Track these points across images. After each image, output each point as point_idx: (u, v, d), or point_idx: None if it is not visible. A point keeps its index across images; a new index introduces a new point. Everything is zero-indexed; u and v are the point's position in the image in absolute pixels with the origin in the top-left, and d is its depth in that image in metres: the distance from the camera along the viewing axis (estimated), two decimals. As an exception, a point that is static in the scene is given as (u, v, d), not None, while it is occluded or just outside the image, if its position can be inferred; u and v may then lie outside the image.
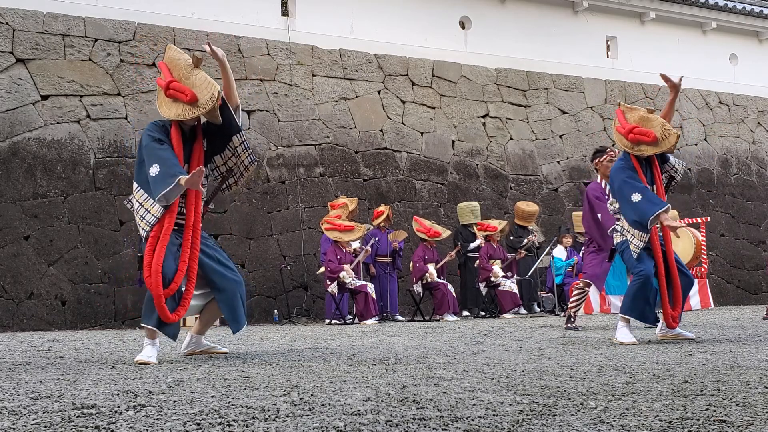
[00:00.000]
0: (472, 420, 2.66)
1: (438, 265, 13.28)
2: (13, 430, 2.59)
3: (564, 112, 17.25)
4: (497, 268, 13.51)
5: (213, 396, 3.31)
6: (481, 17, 16.67)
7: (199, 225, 5.44)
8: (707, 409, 2.82)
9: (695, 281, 13.99)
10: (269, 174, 13.82)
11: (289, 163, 14.04)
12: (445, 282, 13.16)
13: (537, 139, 16.80)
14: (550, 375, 3.95)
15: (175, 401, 3.18)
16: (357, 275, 12.22)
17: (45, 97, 12.41)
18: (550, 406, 2.91)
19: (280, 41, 14.55)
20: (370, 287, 12.15)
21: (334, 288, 11.88)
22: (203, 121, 5.57)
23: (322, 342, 7.07)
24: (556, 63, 17.32)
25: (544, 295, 14.57)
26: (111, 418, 2.80)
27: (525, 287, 14.38)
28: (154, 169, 5.11)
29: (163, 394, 3.42)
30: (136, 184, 5.34)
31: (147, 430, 2.56)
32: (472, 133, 16.07)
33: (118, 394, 3.42)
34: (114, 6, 13.14)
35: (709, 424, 2.53)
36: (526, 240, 14.41)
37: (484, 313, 13.71)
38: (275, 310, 13.01)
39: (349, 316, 12.11)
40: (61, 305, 11.77)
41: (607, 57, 18.23)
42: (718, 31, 19.20)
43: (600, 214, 8.13)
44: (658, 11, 18.28)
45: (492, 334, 7.85)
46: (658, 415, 2.69)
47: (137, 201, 5.31)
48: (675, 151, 6.59)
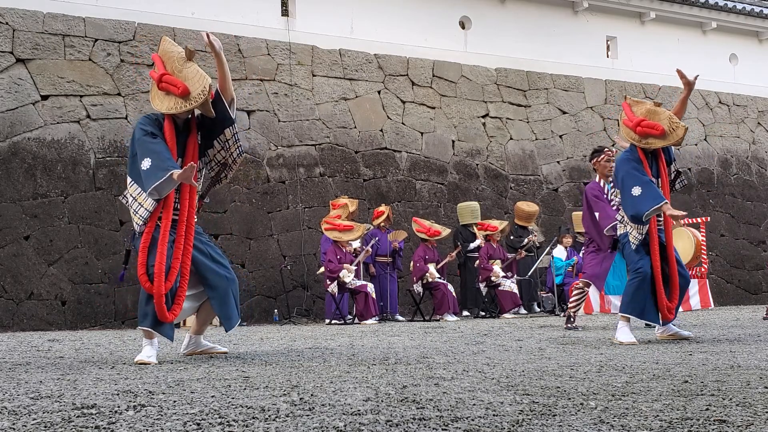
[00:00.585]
0: (472, 420, 2.66)
1: (438, 266, 13.28)
2: (13, 430, 2.59)
3: (564, 112, 17.25)
4: (497, 268, 13.51)
5: (213, 396, 3.31)
6: (481, 17, 16.67)
7: (193, 220, 5.40)
8: (707, 409, 2.82)
9: (694, 281, 14.05)
10: (269, 174, 13.82)
11: (289, 163, 14.04)
12: (445, 282, 13.16)
13: (537, 139, 16.80)
14: (550, 375, 3.95)
15: (175, 401, 3.18)
16: (357, 275, 12.22)
17: (45, 97, 12.41)
18: (550, 406, 2.91)
19: (280, 41, 14.55)
20: (370, 287, 12.15)
21: (334, 288, 11.88)
22: (197, 114, 5.51)
23: (322, 342, 7.07)
24: (556, 63, 17.32)
25: (544, 295, 14.57)
26: (111, 418, 2.80)
27: (525, 287, 14.38)
28: (146, 163, 5.06)
29: (163, 394, 3.42)
30: (129, 179, 5.28)
31: (147, 430, 2.56)
32: (472, 133, 16.06)
33: (118, 394, 3.42)
34: (114, 6, 13.14)
35: (709, 424, 2.53)
36: (526, 240, 14.41)
37: (484, 313, 13.71)
38: (275, 310, 13.01)
39: (349, 316, 12.12)
40: (61, 305, 11.77)
41: (607, 57, 18.23)
42: (718, 31, 19.20)
43: (598, 213, 8.14)
44: (658, 11, 18.28)
45: (492, 334, 7.85)
46: (658, 415, 2.69)
47: (131, 195, 5.26)
48: (675, 151, 6.63)
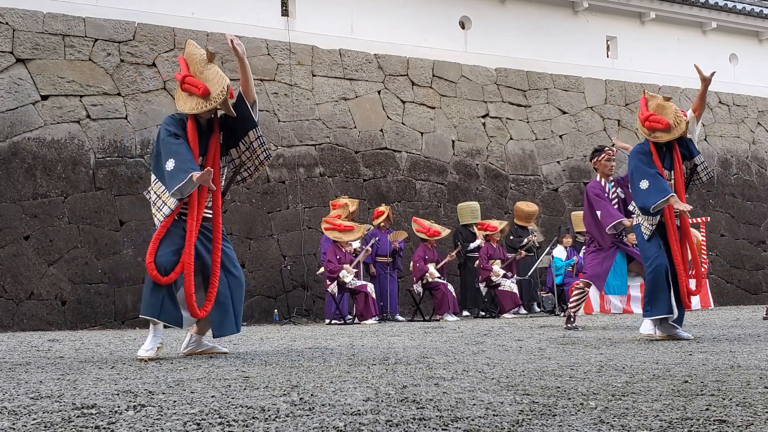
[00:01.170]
0: (472, 420, 2.66)
1: (438, 265, 13.28)
2: (13, 430, 2.59)
3: (564, 112, 17.25)
4: (497, 267, 13.52)
5: (213, 396, 3.31)
6: (481, 17, 16.67)
7: (219, 220, 5.72)
8: (707, 409, 2.82)
9: (693, 281, 14.04)
10: (269, 174, 13.83)
11: (289, 163, 14.04)
12: (445, 282, 13.16)
13: (537, 139, 16.80)
14: (550, 375, 3.95)
15: (175, 401, 3.18)
16: (357, 275, 12.22)
17: (45, 97, 12.41)
18: (550, 406, 2.91)
19: (280, 41, 14.55)
20: (370, 287, 12.15)
21: (334, 288, 11.88)
22: (220, 114, 5.67)
23: (322, 342, 7.07)
24: (556, 63, 17.32)
25: (544, 295, 14.58)
26: (111, 418, 2.80)
27: (525, 287, 14.38)
28: (170, 164, 5.22)
29: (163, 394, 3.42)
30: (154, 176, 5.46)
31: (147, 430, 2.56)
32: (472, 133, 16.07)
33: (118, 394, 3.42)
34: (114, 6, 13.14)
35: (709, 424, 2.53)
36: (526, 240, 14.41)
37: (484, 313, 13.71)
38: (275, 310, 13.01)
39: (349, 316, 12.12)
40: (61, 305, 11.77)
41: (607, 57, 18.23)
42: (718, 31, 19.20)
43: (599, 212, 8.17)
44: (658, 11, 18.28)
45: (492, 334, 7.85)
46: (658, 415, 2.69)
47: (155, 193, 5.42)
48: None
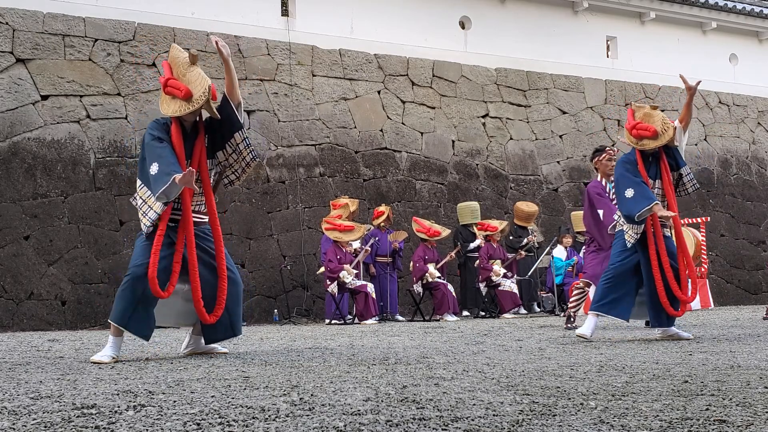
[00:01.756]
0: (472, 420, 2.66)
1: (438, 265, 13.28)
2: (13, 430, 2.59)
3: (564, 112, 17.25)
4: (497, 267, 13.52)
5: (213, 396, 3.31)
6: (481, 17, 16.67)
7: (216, 222, 5.60)
8: (707, 409, 2.82)
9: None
10: (269, 174, 13.83)
11: (289, 163, 14.04)
12: (445, 282, 13.16)
13: (537, 139, 16.80)
14: (550, 375, 3.95)
15: (175, 401, 3.18)
16: (357, 275, 12.22)
17: (45, 97, 12.41)
18: (550, 406, 2.91)
19: (280, 41, 14.55)
20: (370, 287, 12.15)
21: (334, 288, 11.88)
22: (204, 117, 5.65)
23: (322, 342, 7.07)
24: (556, 63, 17.32)
25: (544, 295, 14.58)
26: (111, 418, 2.80)
27: (525, 287, 14.38)
28: (154, 168, 5.22)
29: (163, 394, 3.42)
30: (139, 182, 5.45)
31: (147, 430, 2.56)
32: (472, 133, 16.07)
33: (118, 394, 3.42)
34: (114, 6, 13.14)
35: (709, 424, 2.53)
36: (526, 240, 14.41)
37: (484, 313, 13.71)
38: (275, 310, 13.01)
39: (349, 316, 12.12)
40: (61, 305, 11.77)
41: (607, 57, 18.22)
42: (718, 31, 19.20)
43: (601, 211, 8.20)
44: (658, 11, 18.28)
45: (492, 334, 7.85)
46: (658, 415, 2.69)
47: (141, 198, 5.41)
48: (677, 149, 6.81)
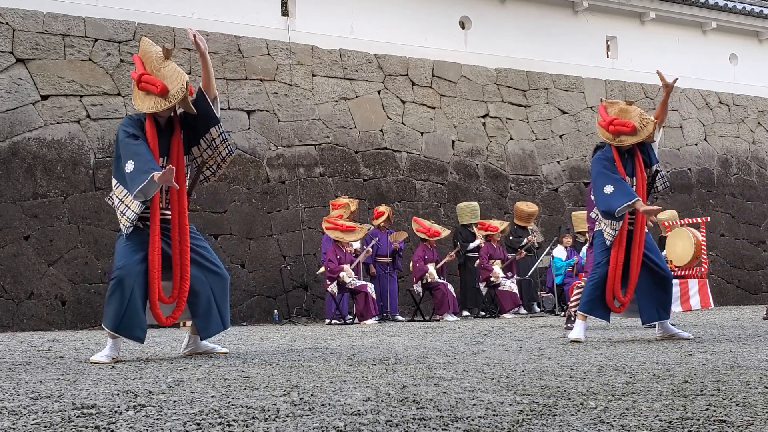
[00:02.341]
0: (472, 420, 2.66)
1: (438, 265, 13.28)
2: (13, 430, 2.59)
3: (564, 112, 17.25)
4: (497, 268, 13.52)
5: (213, 396, 3.31)
6: (481, 17, 16.67)
7: (185, 220, 5.43)
8: (707, 409, 2.82)
9: (694, 281, 14.05)
10: (269, 174, 13.82)
11: (289, 163, 14.04)
12: (445, 282, 13.16)
13: (537, 139, 16.80)
14: (550, 375, 3.95)
15: (175, 401, 3.18)
16: (357, 275, 12.22)
17: (45, 97, 12.41)
18: (550, 406, 2.91)
19: (280, 41, 14.55)
20: (370, 287, 12.15)
21: (334, 288, 11.88)
22: (179, 112, 5.53)
23: (322, 342, 7.07)
24: (556, 63, 17.32)
25: (544, 295, 14.58)
26: (111, 418, 2.80)
27: (525, 287, 14.38)
28: (130, 165, 5.10)
29: (163, 394, 3.42)
30: (114, 180, 5.33)
31: (147, 430, 2.56)
32: (472, 133, 16.07)
33: (118, 394, 3.42)
34: (114, 6, 13.14)
35: (709, 424, 2.53)
36: (526, 240, 14.42)
37: (484, 313, 13.71)
38: (275, 310, 13.01)
39: (349, 316, 12.12)
40: (61, 305, 11.77)
41: (607, 57, 18.22)
42: (718, 31, 19.20)
43: None
44: (658, 11, 18.28)
45: (492, 334, 7.85)
46: (658, 415, 2.69)
47: (117, 197, 5.29)
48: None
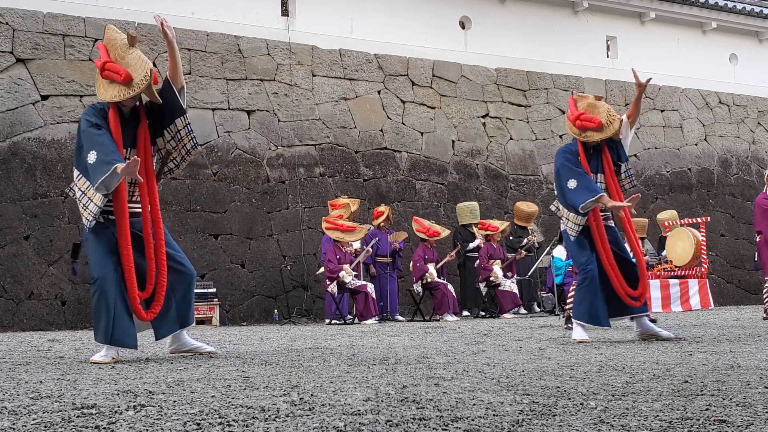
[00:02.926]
0: (472, 420, 2.66)
1: (438, 265, 13.28)
2: (13, 430, 2.59)
3: (564, 112, 17.21)
4: (497, 268, 13.52)
5: (213, 396, 3.31)
6: (481, 17, 16.67)
7: (157, 213, 5.30)
8: (707, 409, 2.82)
9: (694, 281, 14.05)
10: (269, 174, 13.82)
11: (289, 163, 14.04)
12: (445, 282, 13.16)
13: (537, 139, 16.81)
14: (550, 375, 3.95)
15: (175, 401, 3.18)
16: (357, 275, 12.22)
17: (45, 97, 12.41)
18: (550, 406, 2.91)
19: (280, 41, 14.55)
20: (370, 287, 12.15)
21: (334, 288, 11.88)
22: (145, 102, 5.39)
23: (322, 342, 7.07)
24: (556, 63, 17.32)
25: (544, 295, 14.57)
26: (111, 418, 2.80)
27: (525, 287, 14.39)
28: (92, 156, 4.96)
29: (163, 394, 3.42)
30: (76, 171, 5.18)
31: (147, 430, 2.56)
32: (472, 133, 16.07)
33: (118, 394, 3.42)
34: (114, 6, 13.14)
35: (709, 424, 2.53)
36: (526, 240, 14.42)
37: (484, 313, 13.71)
38: (275, 310, 13.01)
39: (349, 316, 12.12)
40: (61, 305, 11.77)
41: (607, 57, 18.22)
42: (718, 31, 19.20)
43: None
44: (658, 11, 18.28)
45: (492, 334, 7.85)
46: (658, 415, 2.69)
47: (79, 189, 5.15)
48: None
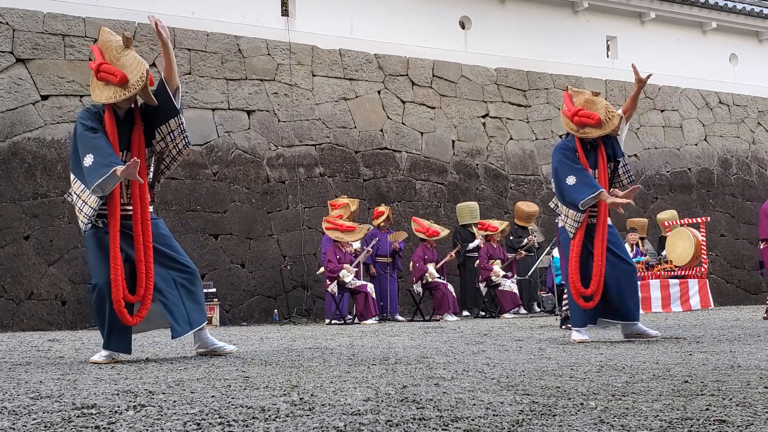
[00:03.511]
0: (472, 420, 2.66)
1: (438, 265, 13.29)
2: (13, 430, 2.59)
3: (564, 112, 17.23)
4: (497, 267, 13.52)
5: (213, 396, 3.31)
6: (481, 17, 16.67)
7: (147, 215, 5.25)
8: (707, 409, 2.82)
9: (694, 281, 14.05)
10: (269, 174, 13.82)
11: (289, 163, 14.04)
12: (445, 282, 13.16)
13: (537, 139, 16.81)
14: (550, 375, 3.95)
15: (175, 401, 3.18)
16: (357, 275, 12.22)
17: (45, 97, 12.41)
18: (550, 406, 2.91)
19: (280, 41, 14.55)
20: (370, 287, 12.15)
21: (334, 288, 11.89)
22: (140, 104, 5.38)
23: (322, 342, 7.07)
24: (556, 63, 17.32)
25: (544, 295, 14.58)
26: (111, 418, 2.80)
27: (525, 287, 14.39)
28: (88, 159, 4.96)
29: (163, 394, 3.42)
30: (73, 176, 5.17)
31: (147, 430, 2.56)
32: (472, 133, 16.07)
33: (118, 394, 3.42)
34: (114, 6, 13.14)
35: (709, 424, 2.53)
36: (526, 240, 14.42)
37: (484, 313, 13.71)
38: (275, 310, 13.01)
39: (349, 316, 12.12)
40: (61, 305, 11.77)
41: (607, 57, 18.23)
42: (718, 31, 19.20)
43: None
44: (658, 11, 18.28)
45: (492, 334, 7.85)
46: (658, 415, 2.69)
47: (75, 193, 5.14)
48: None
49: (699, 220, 14.64)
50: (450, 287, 13.10)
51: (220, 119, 13.63)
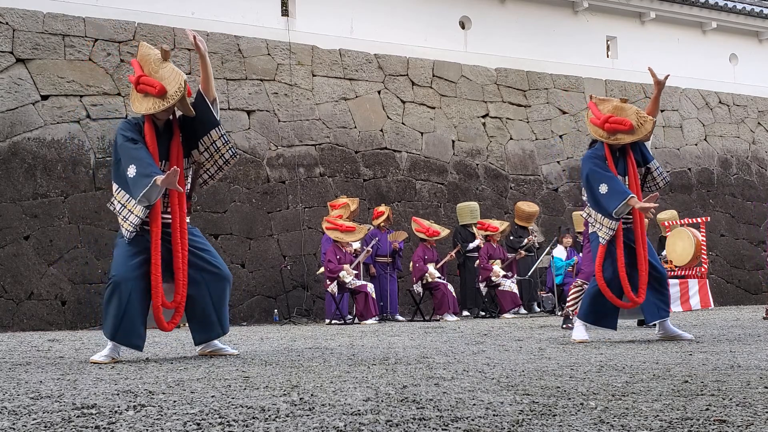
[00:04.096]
0: (472, 420, 2.66)
1: (438, 265, 13.29)
2: (13, 430, 2.59)
3: (564, 112, 17.25)
4: (498, 267, 13.52)
5: (213, 396, 3.32)
6: (481, 17, 16.67)
7: (185, 224, 5.39)
8: (707, 409, 2.82)
9: (694, 281, 14.04)
10: (269, 174, 13.82)
11: (289, 163, 14.04)
12: (445, 282, 13.16)
13: (537, 139, 16.81)
14: (550, 375, 3.95)
15: (175, 401, 3.18)
16: (357, 275, 12.22)
17: (45, 97, 12.41)
18: (550, 406, 2.91)
19: (280, 41, 14.55)
20: (370, 287, 12.15)
21: (334, 288, 11.89)
22: (178, 115, 5.51)
23: (322, 342, 7.07)
24: (556, 63, 17.32)
25: (544, 295, 14.58)
26: (111, 418, 2.80)
27: (525, 287, 14.39)
28: (132, 170, 5.08)
29: (163, 394, 3.42)
30: (115, 185, 5.29)
31: (147, 430, 2.57)
32: (472, 133, 16.07)
33: (118, 394, 3.42)
34: (114, 6, 13.14)
35: (709, 424, 2.53)
36: (526, 240, 14.42)
37: (484, 313, 13.71)
38: (275, 310, 13.01)
39: (349, 316, 12.12)
40: (61, 305, 11.77)
41: (607, 57, 18.23)
42: (718, 31, 19.20)
43: None
44: (658, 11, 18.28)
45: (492, 334, 7.85)
46: (658, 415, 2.69)
47: (119, 202, 5.26)
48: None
49: (699, 220, 14.63)
50: (450, 287, 13.10)
51: (220, 119, 13.61)
